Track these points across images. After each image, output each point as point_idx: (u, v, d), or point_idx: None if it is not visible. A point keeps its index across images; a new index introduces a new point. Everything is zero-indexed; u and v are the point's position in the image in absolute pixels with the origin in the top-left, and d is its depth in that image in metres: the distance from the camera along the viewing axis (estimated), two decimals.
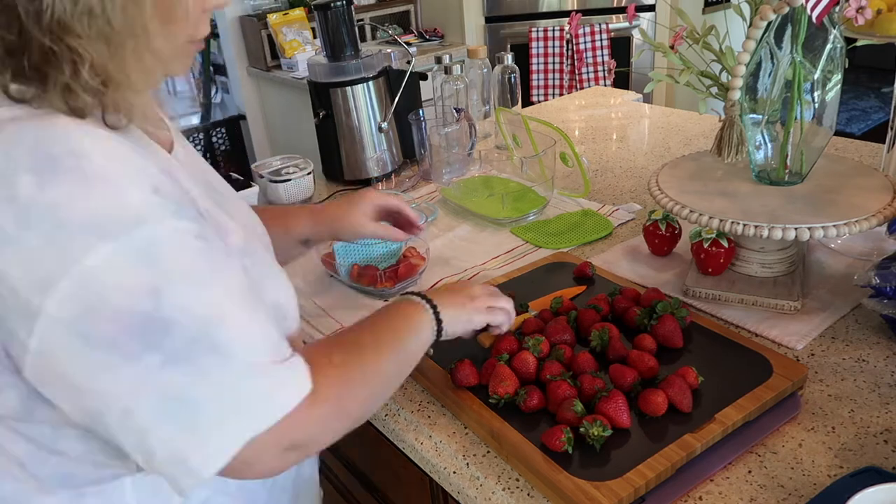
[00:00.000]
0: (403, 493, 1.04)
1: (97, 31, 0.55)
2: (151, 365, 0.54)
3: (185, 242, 0.58)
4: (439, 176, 1.53)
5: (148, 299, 0.54)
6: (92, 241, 0.53)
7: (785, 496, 0.73)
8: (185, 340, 0.55)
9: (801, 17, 0.93)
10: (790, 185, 1.05)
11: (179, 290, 0.56)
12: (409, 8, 3.60)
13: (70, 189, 0.53)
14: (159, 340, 0.55)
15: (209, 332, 0.57)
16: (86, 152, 0.54)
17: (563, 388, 0.80)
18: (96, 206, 0.53)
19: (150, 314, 0.54)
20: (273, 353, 0.61)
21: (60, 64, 0.55)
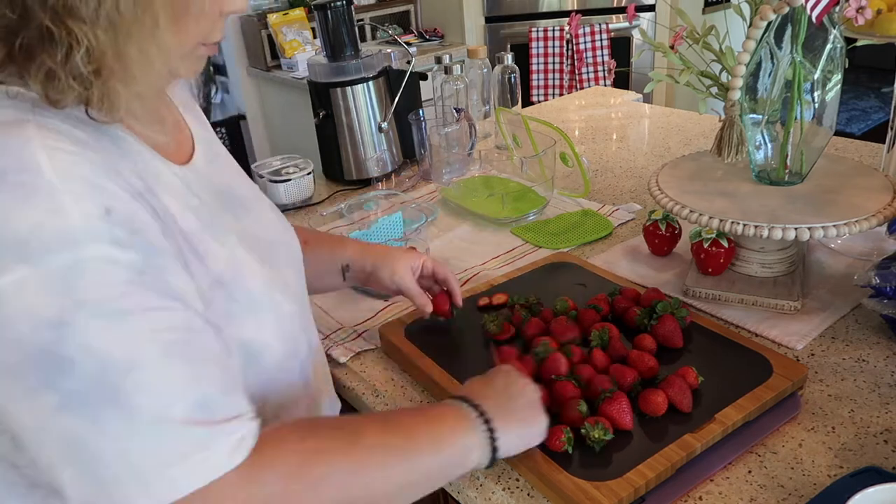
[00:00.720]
0: None
1: (104, 15, 0.52)
2: (48, 405, 0.50)
3: (114, 273, 0.52)
4: (439, 176, 1.53)
5: (50, 331, 0.49)
6: (10, 260, 0.49)
7: (785, 496, 0.73)
8: (83, 385, 0.50)
9: (801, 17, 0.93)
10: (790, 185, 1.05)
11: (87, 325, 0.50)
12: (409, 8, 3.60)
13: (7, 203, 0.50)
14: (56, 379, 0.49)
15: (111, 379, 0.50)
16: (37, 167, 0.51)
17: (568, 388, 0.80)
18: (28, 224, 0.50)
19: (50, 348, 0.49)
20: (196, 411, 0.53)
21: (54, 47, 0.52)
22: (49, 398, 0.50)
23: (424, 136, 1.57)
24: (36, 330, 0.49)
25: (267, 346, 0.68)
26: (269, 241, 0.75)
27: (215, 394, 0.55)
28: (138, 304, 0.53)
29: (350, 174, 1.62)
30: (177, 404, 0.52)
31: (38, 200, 0.50)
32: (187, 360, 0.54)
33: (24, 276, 0.49)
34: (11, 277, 0.49)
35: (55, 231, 0.50)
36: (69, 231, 0.51)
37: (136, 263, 0.53)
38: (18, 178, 0.50)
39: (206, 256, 0.63)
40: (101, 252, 0.51)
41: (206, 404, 0.54)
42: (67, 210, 0.51)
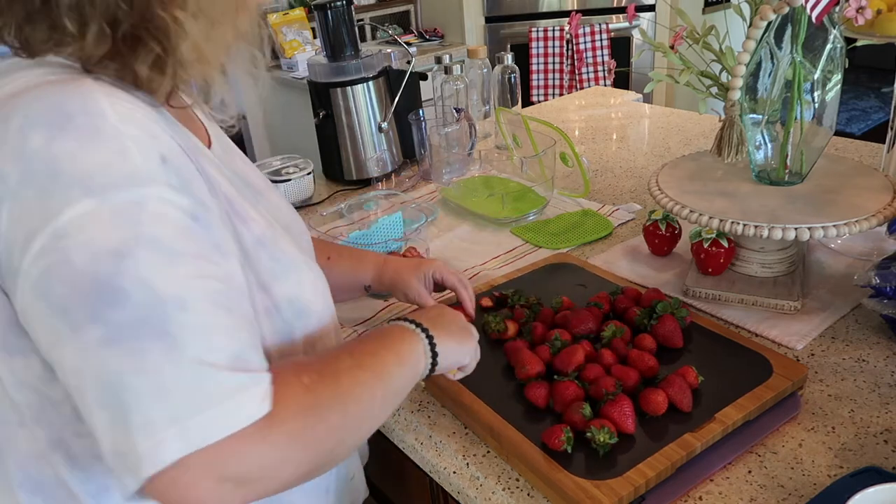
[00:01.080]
0: (403, 493, 1.04)
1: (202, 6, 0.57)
2: (91, 340, 0.50)
3: (172, 215, 0.54)
4: (439, 176, 1.53)
5: (108, 262, 0.50)
6: (76, 194, 0.51)
7: (785, 496, 0.73)
8: (133, 317, 0.50)
9: (801, 17, 0.93)
10: (790, 185, 1.05)
11: (146, 258, 0.51)
12: (409, 8, 3.60)
13: (75, 144, 0.52)
14: (106, 311, 0.50)
15: (162, 314, 0.51)
16: (101, 111, 0.54)
17: (570, 388, 0.80)
18: (94, 162, 0.52)
19: (105, 279, 0.50)
20: (234, 359, 0.54)
21: (164, 36, 0.56)
22: (93, 332, 0.50)
23: (424, 136, 1.57)
24: (93, 260, 0.50)
25: (309, 303, 0.71)
26: (286, 223, 0.77)
27: (249, 348, 0.56)
28: (191, 248, 0.54)
29: (350, 174, 1.62)
30: (219, 349, 0.53)
31: (104, 141, 0.53)
32: (229, 310, 0.55)
33: (89, 209, 0.51)
34: (76, 211, 0.51)
35: (120, 170, 0.52)
36: (133, 171, 0.53)
37: (190, 208, 0.55)
38: (85, 121, 0.53)
39: (246, 219, 0.66)
40: (162, 193, 0.54)
41: (242, 354, 0.55)
42: (131, 152, 0.53)
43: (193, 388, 0.51)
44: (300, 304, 0.69)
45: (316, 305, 0.72)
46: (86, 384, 0.51)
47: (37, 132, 0.52)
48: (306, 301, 0.70)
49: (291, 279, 0.69)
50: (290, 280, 0.69)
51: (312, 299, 0.72)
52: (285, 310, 0.68)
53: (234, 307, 0.56)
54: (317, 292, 0.73)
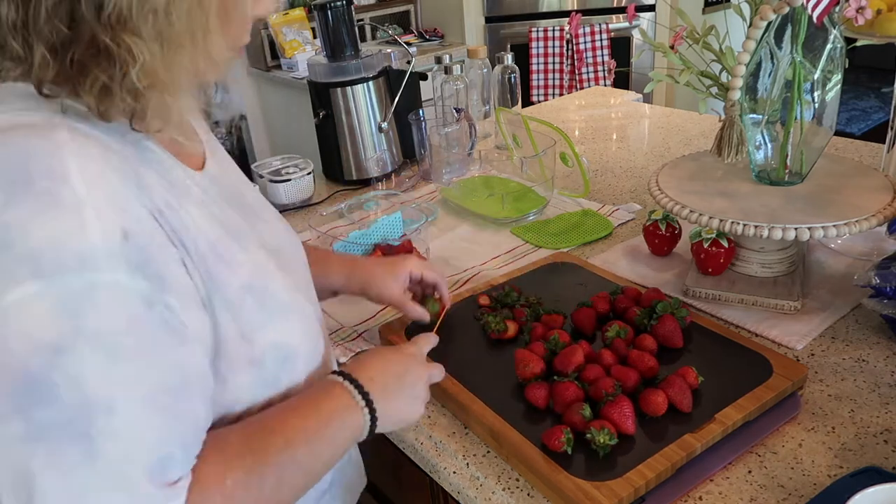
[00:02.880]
0: (403, 493, 1.04)
1: (157, 30, 0.52)
2: (14, 433, 0.48)
3: (124, 304, 0.51)
4: (439, 176, 1.53)
5: (44, 356, 0.48)
6: (23, 274, 0.48)
7: (785, 496, 0.73)
8: (57, 418, 0.48)
9: (801, 17, 0.93)
10: (790, 185, 1.05)
11: (83, 356, 0.49)
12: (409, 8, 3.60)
13: (31, 213, 0.49)
14: (32, 408, 0.48)
15: (88, 418, 0.49)
16: (66, 176, 0.50)
17: (570, 389, 0.80)
18: (48, 237, 0.49)
19: (38, 375, 0.48)
20: (157, 469, 0.52)
21: (110, 63, 0.52)
22: (15, 426, 0.48)
23: (424, 136, 1.57)
24: (29, 351, 0.48)
25: (296, 348, 0.68)
26: (279, 246, 0.75)
27: (177, 451, 0.54)
28: (137, 343, 0.52)
29: (350, 174, 1.62)
30: (140, 459, 0.51)
31: (61, 213, 0.49)
32: (164, 411, 0.53)
33: (34, 294, 0.48)
34: (21, 293, 0.48)
35: (74, 250, 0.49)
36: (88, 252, 0.50)
37: (146, 294, 0.52)
38: (45, 186, 0.49)
39: (232, 264, 0.63)
40: (115, 278, 0.51)
41: (166, 463, 0.53)
42: (89, 228, 0.50)
43: (104, 498, 0.50)
44: (286, 350, 0.67)
45: (303, 348, 0.70)
46: (2, 473, 0.50)
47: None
48: (293, 347, 0.68)
49: (278, 326, 0.66)
50: (277, 327, 0.66)
51: (300, 343, 0.69)
52: (270, 359, 0.65)
53: (172, 404, 0.54)
54: (305, 334, 0.70)
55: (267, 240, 0.72)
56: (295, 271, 0.76)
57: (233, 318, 0.62)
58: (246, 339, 0.63)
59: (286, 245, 0.78)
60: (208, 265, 0.60)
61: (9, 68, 0.54)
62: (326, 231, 1.34)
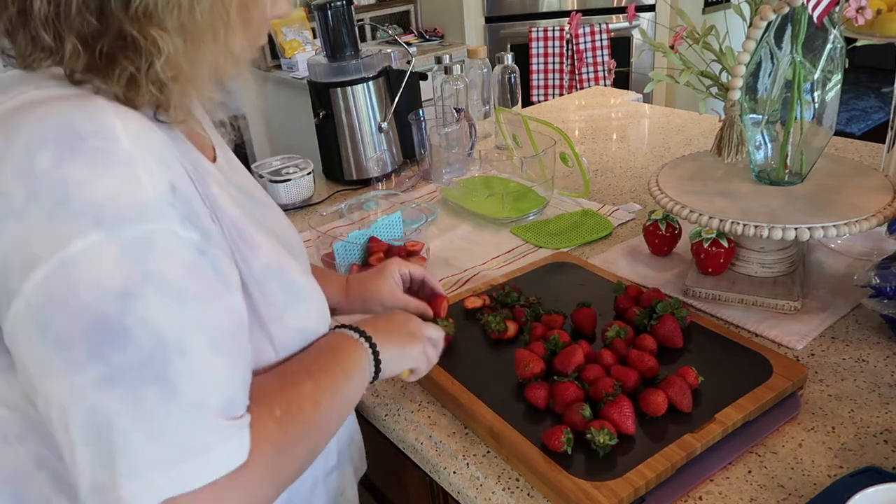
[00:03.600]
0: (403, 493, 1.04)
1: (181, 24, 0.54)
2: (89, 378, 0.50)
3: (181, 251, 0.54)
4: (439, 176, 1.53)
5: (115, 301, 0.50)
6: (86, 225, 0.50)
7: (785, 496, 0.73)
8: (133, 359, 0.50)
9: (801, 17, 0.93)
10: (790, 185, 1.05)
11: (152, 299, 0.51)
12: (409, 8, 3.60)
13: (85, 168, 0.51)
14: (107, 351, 0.50)
15: (163, 359, 0.51)
16: (114, 134, 0.52)
17: (570, 389, 0.80)
18: (104, 191, 0.51)
19: (110, 319, 0.50)
20: (227, 407, 0.55)
21: (136, 54, 0.54)
22: (92, 371, 0.50)
23: (424, 136, 1.57)
24: (100, 298, 0.50)
25: (315, 331, 0.72)
26: (284, 238, 0.76)
27: (240, 391, 0.57)
28: (197, 288, 0.54)
29: (350, 174, 1.62)
30: (213, 396, 0.54)
31: (114, 168, 0.52)
32: (227, 353, 0.56)
33: (98, 242, 0.50)
34: (86, 243, 0.50)
35: (130, 202, 0.51)
36: (143, 204, 0.52)
37: (197, 243, 0.55)
38: (97, 144, 0.52)
39: (253, 244, 0.65)
40: (171, 228, 0.53)
41: (234, 401, 0.56)
42: (142, 182, 0.52)
43: (182, 436, 0.52)
44: (308, 333, 0.71)
45: (320, 332, 0.73)
46: (72, 419, 0.51)
47: (45, 152, 0.51)
48: (313, 330, 0.72)
49: (300, 309, 0.70)
50: (300, 310, 0.70)
51: (317, 327, 0.73)
52: (294, 340, 0.69)
53: (231, 347, 0.57)
54: (321, 318, 0.73)
55: (276, 231, 0.74)
56: (302, 262, 0.78)
57: (262, 297, 0.65)
58: (273, 320, 0.66)
59: (291, 238, 0.80)
60: (234, 241, 0.63)
61: (41, 58, 0.56)
62: (326, 231, 1.34)
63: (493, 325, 0.95)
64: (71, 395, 0.50)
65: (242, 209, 0.66)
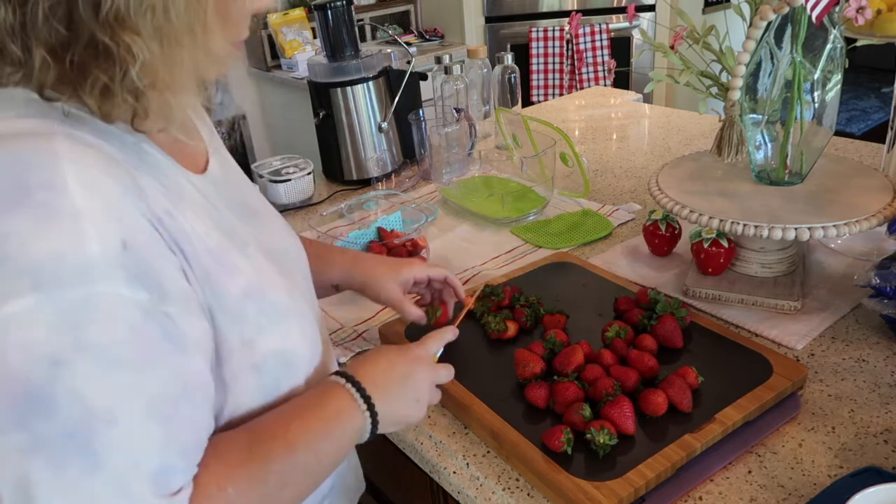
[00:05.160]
0: (403, 493, 1.04)
1: (155, 28, 0.52)
2: (14, 445, 0.48)
3: (122, 315, 0.51)
4: (439, 176, 1.53)
5: (43, 369, 0.48)
6: (22, 287, 0.48)
7: (785, 496, 0.73)
8: (59, 430, 0.48)
9: (801, 17, 0.93)
10: (790, 185, 1.05)
11: (83, 369, 0.49)
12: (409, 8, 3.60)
13: (29, 224, 0.48)
14: (33, 421, 0.48)
15: (90, 430, 0.49)
16: (64, 187, 0.49)
17: (570, 389, 0.80)
18: (47, 249, 0.48)
19: (37, 386, 0.48)
20: (160, 478, 0.52)
21: (110, 62, 0.51)
22: (16, 438, 0.48)
23: (424, 136, 1.57)
24: (29, 364, 0.48)
25: (296, 352, 0.68)
26: (280, 250, 0.74)
27: (179, 461, 0.54)
28: (137, 355, 0.52)
29: (350, 174, 1.62)
30: (142, 470, 0.51)
31: (61, 225, 0.49)
32: (165, 421, 0.53)
33: (32, 307, 0.48)
34: (19, 306, 0.48)
35: (73, 262, 0.49)
36: (86, 264, 0.49)
37: (145, 304, 0.52)
38: (43, 198, 0.49)
39: (232, 271, 0.62)
40: (114, 290, 0.50)
41: (168, 472, 0.53)
42: (87, 240, 0.50)
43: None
44: (287, 356, 0.67)
45: (304, 353, 0.69)
46: (1, 484, 0.49)
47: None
48: (293, 352, 0.68)
49: (279, 330, 0.66)
50: (278, 331, 0.66)
51: (300, 349, 0.69)
52: (271, 365, 0.65)
53: (173, 413, 0.54)
54: (305, 339, 0.70)
55: (268, 245, 0.71)
56: (295, 275, 0.75)
57: (234, 324, 0.62)
58: (247, 345, 0.63)
59: (287, 249, 0.77)
60: (208, 272, 0.60)
61: (9, 73, 0.53)
62: (326, 231, 1.34)
63: (493, 326, 0.95)
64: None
65: (224, 232, 0.64)
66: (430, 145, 1.54)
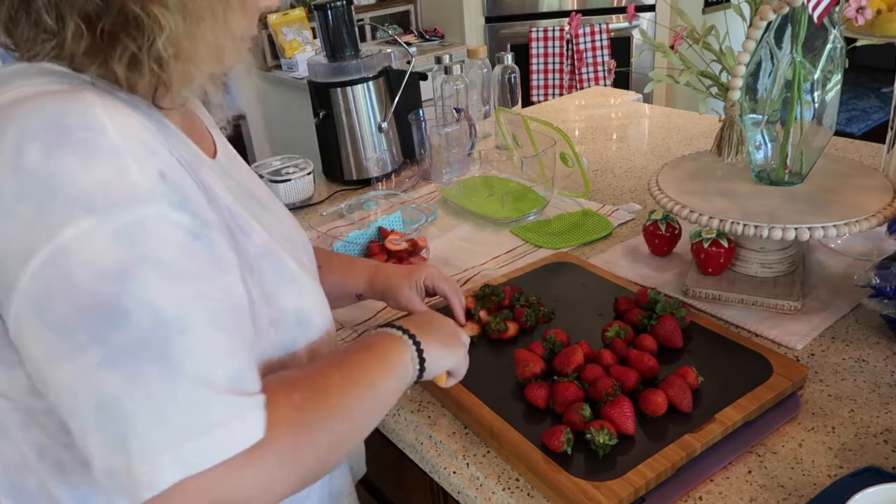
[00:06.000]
0: (403, 493, 1.04)
1: (182, 2, 0.55)
2: (91, 361, 0.50)
3: (173, 234, 0.53)
4: (439, 176, 1.53)
5: (111, 283, 0.50)
6: (77, 213, 0.50)
7: (785, 496, 0.73)
8: (134, 339, 0.50)
9: (801, 17, 0.93)
10: (790, 185, 1.05)
11: (148, 279, 0.51)
12: (409, 8, 3.60)
13: (73, 160, 0.51)
14: (107, 333, 0.50)
15: (163, 337, 0.51)
16: (101, 126, 0.53)
17: (570, 389, 0.80)
18: (94, 180, 0.51)
19: (108, 300, 0.50)
20: (233, 381, 0.54)
21: (138, 32, 0.55)
22: (94, 354, 0.50)
23: (424, 136, 1.57)
24: (96, 280, 0.50)
25: (312, 313, 0.71)
26: (287, 236, 0.77)
27: (246, 368, 0.56)
28: (192, 267, 0.54)
29: (350, 174, 1.62)
30: (218, 372, 0.53)
31: (103, 158, 0.52)
32: (228, 330, 0.55)
33: (90, 228, 0.50)
34: (78, 229, 0.50)
35: (120, 188, 0.52)
36: (133, 189, 0.52)
37: (190, 226, 0.55)
38: (84, 136, 0.52)
39: (247, 230, 0.65)
40: (162, 212, 0.53)
41: (240, 377, 0.55)
42: (130, 169, 0.53)
43: (191, 413, 0.51)
44: (303, 315, 0.70)
45: (317, 318, 0.72)
46: (81, 404, 0.51)
47: (34, 146, 0.51)
48: (308, 312, 0.71)
49: (294, 291, 0.69)
50: (293, 292, 0.69)
51: (314, 311, 0.72)
52: (290, 321, 0.68)
53: (232, 327, 0.56)
54: (317, 305, 0.73)
55: (274, 232, 0.73)
56: (301, 259, 0.77)
57: (254, 278, 0.64)
58: (267, 300, 0.65)
59: (295, 239, 0.80)
60: (228, 224, 0.63)
61: (43, 41, 0.56)
62: (326, 231, 1.34)
63: (494, 326, 0.95)
64: (77, 380, 0.50)
65: (238, 199, 0.67)
66: (430, 145, 1.54)
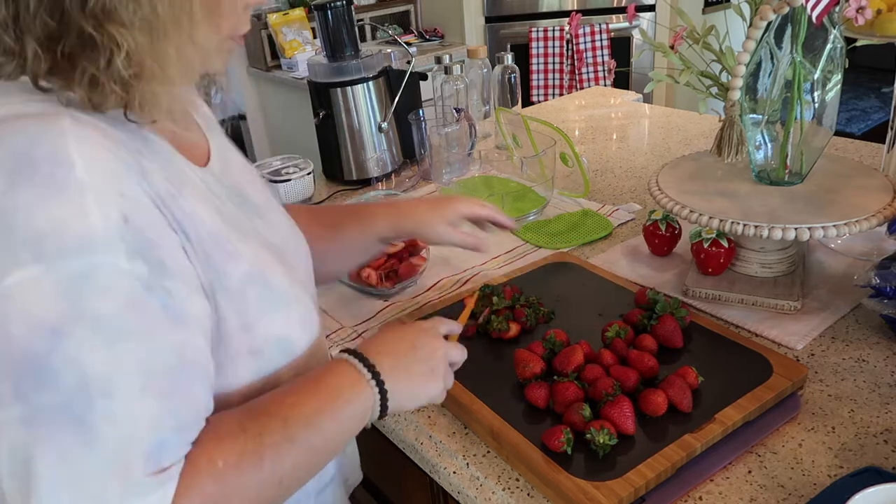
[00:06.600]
0: (403, 493, 1.04)
1: (141, 18, 0.53)
2: (11, 415, 0.49)
3: (121, 287, 0.51)
4: (439, 176, 1.53)
5: (45, 340, 0.49)
6: (25, 258, 0.49)
7: (785, 496, 0.73)
8: (56, 402, 0.49)
9: (801, 17, 0.93)
10: (790, 185, 1.05)
11: (83, 339, 0.50)
12: (409, 8, 3.60)
13: (34, 196, 0.50)
14: (31, 392, 0.49)
15: (86, 401, 0.49)
16: (68, 160, 0.51)
17: (570, 389, 0.80)
18: (50, 220, 0.50)
19: (38, 358, 0.49)
20: (153, 454, 0.52)
21: (96, 53, 0.53)
22: (15, 409, 0.49)
23: (424, 136, 1.57)
24: (30, 336, 0.49)
25: (297, 338, 0.69)
26: (282, 243, 0.75)
27: (172, 436, 0.54)
28: (136, 325, 0.52)
29: (350, 174, 1.62)
30: (137, 444, 0.51)
31: (64, 196, 0.50)
32: (161, 395, 0.53)
33: (36, 276, 0.49)
34: (23, 275, 0.49)
35: (74, 232, 0.50)
36: (87, 235, 0.51)
37: (144, 277, 0.53)
38: (50, 171, 0.51)
39: (233, 254, 0.63)
40: (114, 262, 0.51)
41: (160, 449, 0.53)
42: (90, 212, 0.51)
43: (97, 485, 0.50)
44: (286, 343, 0.68)
45: (302, 341, 0.70)
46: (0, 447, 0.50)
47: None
48: (294, 338, 0.69)
49: (279, 315, 0.67)
50: (278, 316, 0.67)
51: (300, 335, 0.70)
52: (271, 350, 0.66)
53: (172, 389, 0.54)
54: (304, 327, 0.70)
55: (269, 239, 0.72)
56: (295, 267, 0.76)
57: (233, 308, 0.62)
58: (246, 329, 0.63)
59: (289, 243, 0.78)
60: (209, 253, 0.61)
61: (4, 64, 0.55)
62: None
63: (495, 325, 0.95)
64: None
65: (226, 218, 0.65)
66: (430, 145, 1.54)
